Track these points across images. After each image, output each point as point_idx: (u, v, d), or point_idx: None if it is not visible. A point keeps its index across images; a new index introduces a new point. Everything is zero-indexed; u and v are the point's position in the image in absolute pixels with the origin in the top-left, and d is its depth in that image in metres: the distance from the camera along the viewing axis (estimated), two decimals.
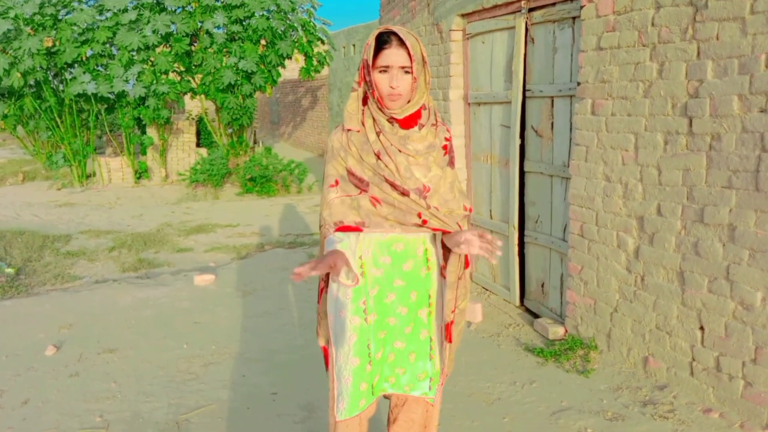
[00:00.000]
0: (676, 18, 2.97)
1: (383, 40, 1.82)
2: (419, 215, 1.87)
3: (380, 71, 1.83)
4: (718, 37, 2.78)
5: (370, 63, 1.83)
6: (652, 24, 3.10)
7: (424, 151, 1.90)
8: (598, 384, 3.29)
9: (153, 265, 6.61)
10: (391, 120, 1.88)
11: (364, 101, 1.92)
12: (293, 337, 4.17)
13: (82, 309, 4.81)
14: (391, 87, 1.81)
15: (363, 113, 1.91)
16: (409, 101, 1.86)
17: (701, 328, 2.97)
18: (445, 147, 1.97)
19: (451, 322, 2.00)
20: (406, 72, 1.82)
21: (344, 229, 1.89)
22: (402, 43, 1.80)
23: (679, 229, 3.05)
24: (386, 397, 2.11)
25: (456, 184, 2.00)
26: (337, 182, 1.94)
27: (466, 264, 1.99)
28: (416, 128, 1.90)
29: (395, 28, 1.82)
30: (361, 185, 1.90)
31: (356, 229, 1.88)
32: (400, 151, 1.87)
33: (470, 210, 2.01)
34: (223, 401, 3.30)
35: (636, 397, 3.12)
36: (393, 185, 1.87)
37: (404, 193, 1.87)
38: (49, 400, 3.36)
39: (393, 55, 1.80)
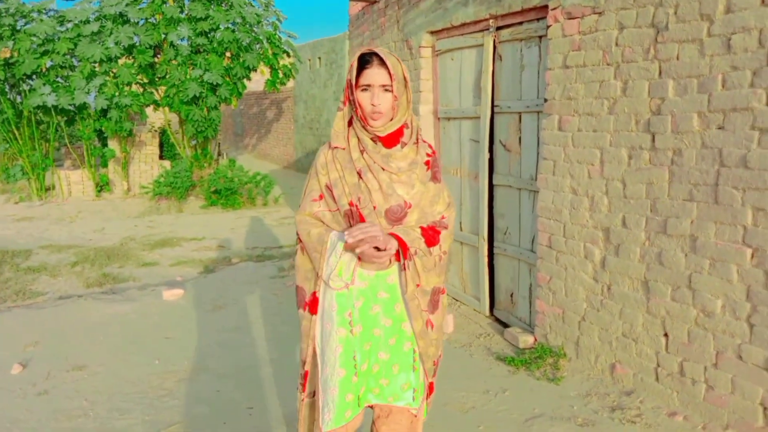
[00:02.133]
0: (639, 39, 3.11)
1: (365, 61, 1.90)
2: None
3: (362, 90, 1.91)
4: (679, 58, 2.93)
5: (353, 83, 1.91)
6: (616, 44, 3.24)
7: (407, 168, 1.97)
8: (568, 391, 3.39)
9: (118, 280, 6.50)
10: (375, 138, 1.96)
11: (350, 122, 1.99)
12: (266, 351, 4.17)
13: (48, 326, 4.71)
14: (373, 104, 1.89)
15: (348, 132, 1.98)
16: (391, 119, 1.94)
17: (665, 334, 3.10)
18: (427, 162, 2.05)
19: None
20: (387, 90, 1.90)
21: None
22: (383, 62, 1.88)
23: (643, 240, 3.18)
24: (370, 407, 2.14)
25: (441, 196, 2.07)
26: (321, 196, 2.02)
27: (402, 246, 1.92)
28: (399, 146, 1.98)
29: (377, 49, 1.91)
30: (335, 202, 1.98)
31: None
32: (383, 169, 1.95)
33: (443, 218, 2.05)
34: (199, 417, 3.29)
35: (605, 402, 3.22)
36: (350, 217, 1.93)
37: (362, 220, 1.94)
38: (18, 419, 3.29)
39: (374, 74, 1.89)
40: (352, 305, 1.99)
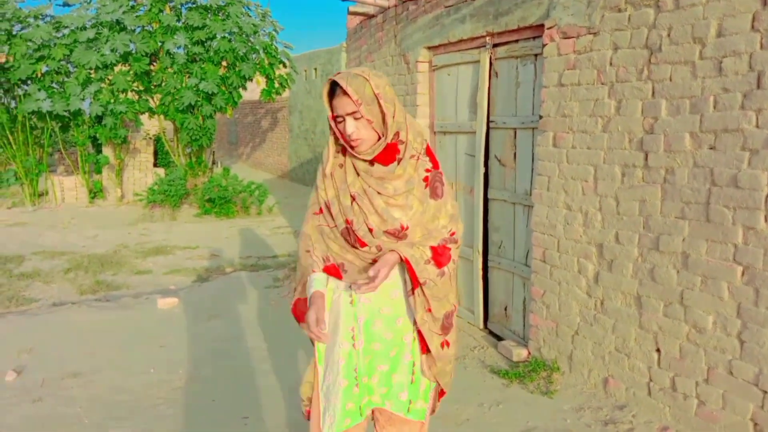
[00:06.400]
0: (633, 59, 3.18)
1: (333, 90, 1.88)
2: (374, 261, 1.96)
3: (337, 121, 1.89)
4: (671, 79, 3.00)
5: (329, 113, 1.91)
6: (611, 64, 3.31)
7: (404, 189, 1.94)
8: (562, 404, 3.43)
9: (112, 287, 6.51)
10: (370, 161, 1.93)
11: (344, 146, 1.98)
12: (261, 362, 4.18)
13: (42, 333, 4.71)
14: (348, 134, 1.86)
15: (343, 153, 1.99)
16: (379, 139, 1.89)
17: (657, 350, 3.15)
18: (425, 179, 2.00)
19: (420, 331, 2.04)
20: (357, 117, 1.84)
21: (328, 269, 2.02)
22: (345, 90, 1.82)
23: (636, 257, 3.24)
24: (372, 417, 2.18)
25: (443, 210, 2.03)
26: (321, 210, 2.04)
27: (412, 276, 1.95)
28: (395, 164, 1.94)
29: (339, 76, 1.85)
30: (333, 219, 2.00)
31: (337, 274, 2.01)
32: (379, 193, 1.92)
33: (453, 234, 2.03)
34: (194, 426, 3.30)
35: (597, 416, 3.27)
36: (346, 234, 1.96)
37: (354, 246, 1.96)
38: (13, 426, 3.29)
39: (340, 104, 1.85)
40: (356, 320, 2.03)
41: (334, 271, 2.02)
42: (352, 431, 2.06)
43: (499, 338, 4.46)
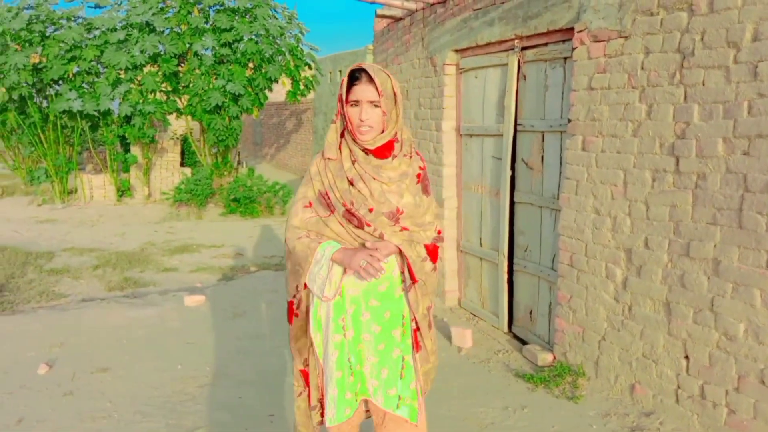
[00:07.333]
0: (665, 63, 3.16)
1: (355, 77, 2.00)
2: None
3: (351, 105, 2.00)
4: (704, 83, 2.97)
5: (344, 98, 2.01)
6: (642, 68, 3.29)
7: (397, 178, 2.07)
8: (587, 410, 3.40)
9: (139, 284, 6.61)
10: (366, 150, 2.05)
11: (343, 133, 2.09)
12: (286, 360, 4.22)
13: (72, 328, 4.80)
14: (361, 119, 1.98)
15: (341, 144, 2.08)
16: (382, 132, 2.03)
17: (686, 357, 3.11)
18: (418, 176, 2.14)
19: (416, 330, 2.16)
20: (376, 106, 1.98)
21: None
22: (371, 79, 1.96)
23: (665, 262, 3.21)
24: (367, 413, 2.24)
25: (431, 208, 2.18)
26: (311, 204, 2.12)
27: (411, 274, 2.08)
28: (389, 159, 2.07)
29: (366, 66, 1.99)
30: (330, 207, 2.08)
31: None
32: (374, 178, 2.04)
33: (440, 232, 2.19)
34: (221, 423, 3.34)
35: (624, 423, 3.24)
36: (349, 216, 2.03)
37: (359, 226, 2.04)
38: (45, 418, 3.37)
39: (362, 90, 1.98)
40: (345, 311, 2.10)
41: None
42: (352, 421, 2.14)
43: (524, 342, 4.44)
